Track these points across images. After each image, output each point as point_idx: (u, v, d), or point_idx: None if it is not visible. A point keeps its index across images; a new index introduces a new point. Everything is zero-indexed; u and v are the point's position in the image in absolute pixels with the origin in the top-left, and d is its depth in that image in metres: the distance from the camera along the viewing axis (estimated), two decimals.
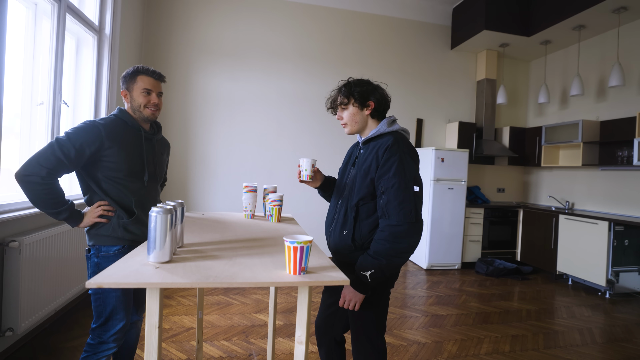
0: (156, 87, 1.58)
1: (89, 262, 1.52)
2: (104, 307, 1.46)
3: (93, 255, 1.50)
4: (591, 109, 4.61)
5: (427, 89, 5.18)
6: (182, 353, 2.29)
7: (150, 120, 1.60)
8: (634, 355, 2.54)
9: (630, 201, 4.11)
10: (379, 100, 1.45)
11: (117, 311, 1.47)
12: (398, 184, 1.30)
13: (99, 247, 1.50)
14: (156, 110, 1.59)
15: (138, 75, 1.55)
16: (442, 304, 3.42)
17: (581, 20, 4.14)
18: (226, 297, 3.31)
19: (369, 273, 1.30)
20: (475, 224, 4.82)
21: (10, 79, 2.25)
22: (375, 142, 1.44)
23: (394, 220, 1.29)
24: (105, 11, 3.25)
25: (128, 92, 1.56)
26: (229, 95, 4.53)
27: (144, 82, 1.54)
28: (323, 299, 1.63)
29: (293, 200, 4.49)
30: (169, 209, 1.02)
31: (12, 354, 2.13)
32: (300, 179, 1.57)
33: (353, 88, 1.44)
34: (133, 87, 1.55)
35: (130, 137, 1.53)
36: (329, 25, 4.83)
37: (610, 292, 3.82)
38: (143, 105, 1.55)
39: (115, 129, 1.48)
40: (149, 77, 1.56)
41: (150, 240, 1.00)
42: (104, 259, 1.48)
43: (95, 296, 1.47)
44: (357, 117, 1.46)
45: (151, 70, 1.57)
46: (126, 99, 1.58)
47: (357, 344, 1.47)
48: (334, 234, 1.50)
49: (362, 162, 1.44)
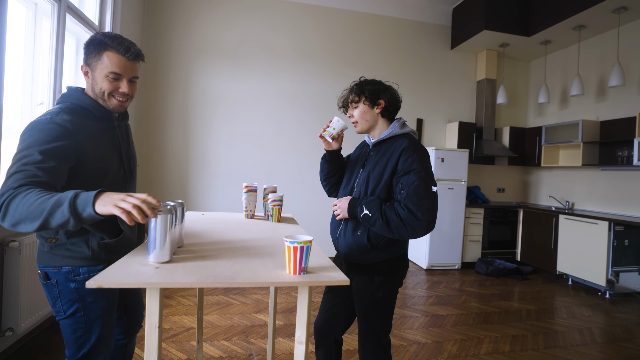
0: (129, 70, 1.16)
1: (56, 289, 1.18)
2: (87, 337, 1.20)
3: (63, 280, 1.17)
4: (591, 109, 4.61)
5: (427, 89, 5.18)
6: (182, 353, 2.29)
7: (117, 112, 1.23)
8: (634, 355, 2.54)
9: (630, 201, 4.11)
10: (389, 100, 1.46)
11: (103, 340, 1.22)
12: (418, 183, 1.32)
13: (74, 269, 1.18)
14: (126, 100, 1.21)
15: (105, 51, 1.13)
16: (442, 304, 3.42)
17: (581, 20, 4.14)
18: (226, 297, 3.31)
19: (365, 213, 1.36)
20: (475, 224, 4.82)
21: (10, 79, 2.25)
22: (388, 144, 1.44)
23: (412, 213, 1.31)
24: (105, 11, 3.25)
25: (90, 70, 1.17)
26: (229, 95, 4.53)
27: (112, 62, 1.13)
28: (325, 299, 1.63)
29: (293, 200, 4.49)
30: (169, 208, 1.01)
31: (12, 354, 2.13)
32: (321, 134, 1.53)
33: (364, 86, 1.46)
34: (96, 65, 1.15)
35: (98, 129, 1.18)
36: (329, 25, 4.83)
37: (610, 292, 3.82)
38: (107, 92, 1.17)
39: (79, 123, 1.12)
40: (120, 56, 1.14)
41: (150, 241, 0.99)
42: (83, 282, 1.17)
43: (74, 326, 1.19)
44: (367, 115, 1.47)
45: (124, 47, 1.14)
46: (86, 77, 1.19)
47: (364, 342, 1.49)
48: (344, 236, 1.49)
49: (375, 164, 1.44)
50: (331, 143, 1.56)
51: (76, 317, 1.20)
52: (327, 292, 1.64)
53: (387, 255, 1.44)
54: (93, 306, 1.21)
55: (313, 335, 1.66)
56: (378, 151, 1.46)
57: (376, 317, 1.45)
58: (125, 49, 1.14)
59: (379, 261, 1.44)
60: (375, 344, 1.47)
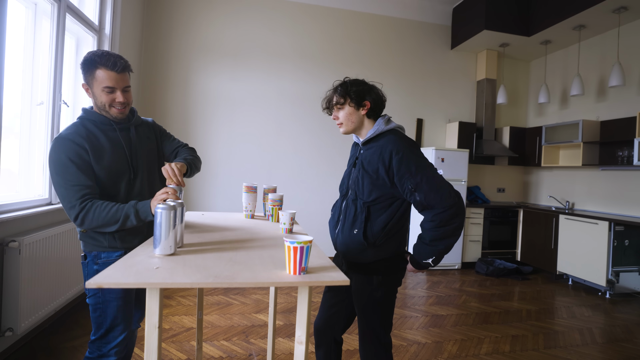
0: (120, 81, 1.33)
1: (86, 269, 1.42)
2: (104, 317, 1.37)
3: (90, 261, 1.41)
4: (591, 109, 4.61)
5: (427, 89, 5.18)
6: (182, 353, 2.29)
7: (120, 119, 1.42)
8: (634, 355, 2.54)
9: (630, 201, 4.10)
10: (375, 100, 1.46)
11: (118, 322, 1.38)
12: (425, 176, 1.34)
13: (97, 254, 1.40)
14: (124, 107, 1.39)
15: (96, 69, 1.29)
16: (442, 304, 3.42)
17: (581, 20, 4.14)
18: (226, 297, 3.31)
19: (431, 260, 1.41)
20: (476, 224, 4.82)
21: (10, 79, 2.25)
22: (376, 142, 1.45)
23: (439, 208, 1.34)
24: (105, 11, 3.25)
25: (89, 87, 1.35)
26: (229, 95, 4.53)
27: (103, 78, 1.30)
28: (325, 298, 1.63)
29: (293, 200, 4.49)
30: (173, 205, 1.10)
31: (12, 354, 2.13)
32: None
33: (349, 88, 1.45)
34: (93, 83, 1.32)
35: (104, 138, 1.38)
36: (329, 25, 4.83)
37: (610, 292, 3.82)
38: (107, 104, 1.35)
39: (85, 135, 1.34)
40: (109, 71, 1.30)
41: (155, 236, 1.07)
42: (104, 266, 1.37)
43: (94, 306, 1.37)
44: (353, 117, 1.46)
45: (112, 62, 1.30)
46: (88, 94, 1.36)
47: (364, 342, 1.49)
48: (342, 235, 1.50)
49: (367, 164, 1.44)
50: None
51: (96, 298, 1.37)
52: (327, 292, 1.64)
53: (385, 254, 1.44)
54: (110, 289, 1.36)
55: (313, 335, 1.65)
56: (368, 150, 1.47)
57: (375, 317, 1.45)
58: (113, 64, 1.30)
59: (377, 260, 1.44)
60: (375, 343, 1.47)
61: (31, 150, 2.47)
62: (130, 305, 1.43)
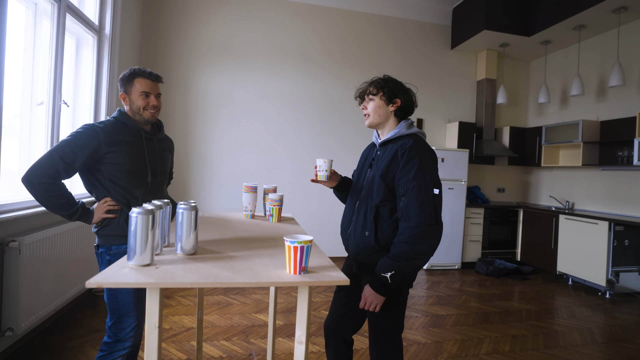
0: (154, 88, 1.58)
1: (100, 258, 1.54)
2: (116, 304, 1.48)
3: (104, 252, 1.52)
4: (591, 109, 4.61)
5: (427, 89, 5.18)
6: (182, 353, 2.29)
7: (151, 121, 1.62)
8: (634, 355, 2.54)
9: (630, 201, 4.10)
10: (406, 101, 1.47)
11: (129, 309, 1.48)
12: (418, 186, 1.32)
13: (109, 246, 1.52)
14: (156, 111, 1.61)
15: (135, 78, 1.55)
16: (442, 304, 3.42)
17: (581, 20, 4.14)
18: (226, 297, 3.31)
19: (389, 274, 1.32)
20: (476, 224, 4.82)
21: (10, 79, 2.25)
22: (394, 144, 1.45)
23: (414, 222, 1.31)
24: (105, 11, 3.25)
25: (127, 95, 1.57)
26: (229, 95, 4.53)
27: (141, 85, 1.55)
28: (336, 298, 1.62)
29: (293, 200, 4.49)
30: (150, 209, 0.98)
31: (12, 354, 2.13)
32: (316, 179, 1.55)
33: (386, 83, 1.46)
34: (131, 90, 1.56)
35: (130, 138, 1.54)
36: (329, 25, 4.83)
37: (610, 292, 3.82)
38: (142, 107, 1.56)
39: (114, 131, 1.50)
40: (146, 80, 1.56)
41: (130, 245, 0.96)
42: (116, 256, 1.50)
43: (107, 292, 1.48)
44: (381, 110, 1.46)
45: (148, 72, 1.57)
46: (125, 102, 1.59)
47: (375, 344, 1.48)
48: (353, 236, 1.49)
49: (380, 164, 1.44)
50: (329, 182, 1.57)
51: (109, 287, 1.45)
52: (337, 292, 1.63)
53: None
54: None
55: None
56: (384, 151, 1.47)
57: (386, 318, 1.44)
58: (149, 74, 1.57)
59: None
60: (385, 344, 1.46)
61: (31, 150, 2.47)
62: (142, 296, 1.49)
